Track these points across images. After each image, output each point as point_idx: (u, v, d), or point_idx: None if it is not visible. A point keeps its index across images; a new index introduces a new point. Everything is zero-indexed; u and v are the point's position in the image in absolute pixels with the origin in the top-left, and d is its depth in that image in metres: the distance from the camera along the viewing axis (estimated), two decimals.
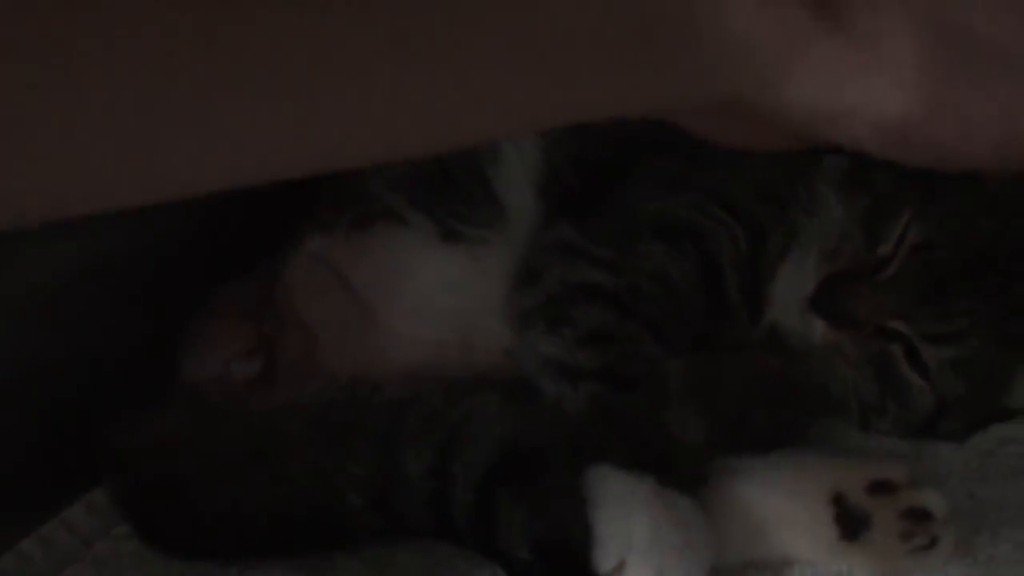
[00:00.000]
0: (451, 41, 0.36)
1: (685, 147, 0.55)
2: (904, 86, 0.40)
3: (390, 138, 0.38)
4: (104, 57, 0.32)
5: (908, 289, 0.57)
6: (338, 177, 0.63)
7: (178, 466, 0.56)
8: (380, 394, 0.56)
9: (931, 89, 0.40)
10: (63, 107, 0.32)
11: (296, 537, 0.55)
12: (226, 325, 0.63)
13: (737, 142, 0.46)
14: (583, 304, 0.58)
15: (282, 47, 0.34)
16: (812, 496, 0.51)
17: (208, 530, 0.55)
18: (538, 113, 0.40)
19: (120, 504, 0.58)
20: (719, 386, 0.60)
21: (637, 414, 0.54)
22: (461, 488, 0.51)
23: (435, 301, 0.62)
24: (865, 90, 0.41)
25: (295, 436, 0.55)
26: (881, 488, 0.51)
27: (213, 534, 0.55)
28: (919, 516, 0.51)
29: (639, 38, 0.39)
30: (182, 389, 0.61)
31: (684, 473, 0.52)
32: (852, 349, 0.58)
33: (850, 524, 0.51)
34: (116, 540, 0.58)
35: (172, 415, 0.59)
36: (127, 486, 0.58)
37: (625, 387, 0.55)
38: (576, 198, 0.63)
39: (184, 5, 0.33)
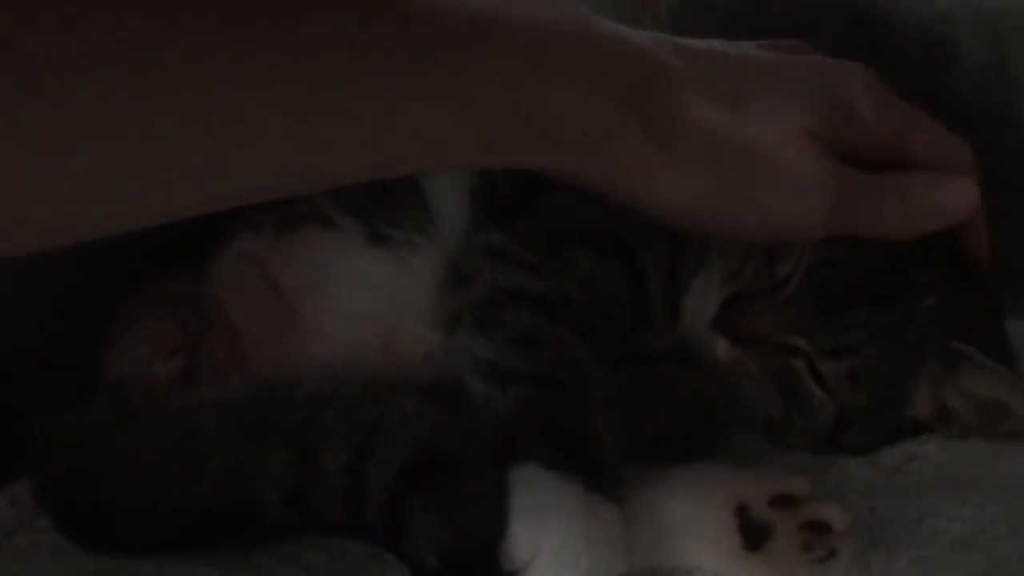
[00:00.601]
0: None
1: None
2: (685, 214, 0.54)
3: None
4: None
5: (806, 306, 0.59)
6: None
7: (99, 461, 0.57)
8: (299, 390, 0.56)
9: (703, 213, 0.54)
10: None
11: (213, 533, 0.55)
12: (151, 323, 0.63)
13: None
14: (513, 308, 0.58)
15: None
16: (717, 506, 0.53)
17: (127, 525, 0.56)
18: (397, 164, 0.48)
19: (42, 497, 0.58)
20: (635, 399, 0.61)
21: (566, 417, 0.54)
22: (375, 487, 0.51)
23: (361, 303, 0.63)
24: (656, 199, 0.53)
25: (213, 433, 0.55)
26: (783, 501, 0.53)
27: (132, 529, 0.56)
28: (819, 529, 0.52)
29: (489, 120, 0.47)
30: (106, 385, 0.62)
31: (610, 477, 0.52)
32: (755, 365, 0.60)
33: (753, 534, 0.52)
34: (37, 532, 0.58)
35: (95, 411, 0.59)
36: (49, 480, 0.58)
37: (554, 389, 0.55)
38: (508, 204, 0.64)
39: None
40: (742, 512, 0.53)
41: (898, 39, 0.76)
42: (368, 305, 0.63)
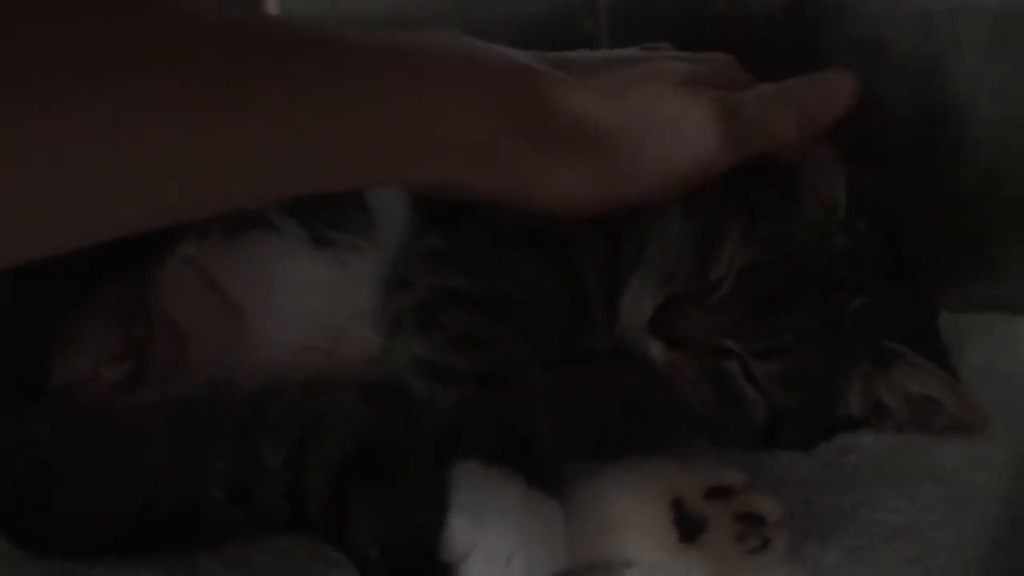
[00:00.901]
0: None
1: None
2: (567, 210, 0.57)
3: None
4: None
5: (738, 309, 0.60)
6: None
7: (43, 466, 0.57)
8: (242, 391, 0.57)
9: (612, 181, 0.57)
10: None
11: (159, 535, 0.55)
12: (96, 328, 0.63)
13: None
14: (452, 309, 0.59)
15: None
16: (653, 501, 0.53)
17: (73, 529, 0.56)
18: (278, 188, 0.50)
19: None
20: (578, 397, 0.62)
21: (507, 414, 0.55)
22: (316, 481, 0.52)
23: (304, 306, 0.64)
24: (543, 198, 0.57)
25: (157, 434, 0.55)
26: (718, 493, 0.54)
27: (78, 533, 0.56)
28: (753, 520, 0.53)
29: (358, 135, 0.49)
30: (51, 391, 0.62)
31: (552, 473, 0.53)
32: (689, 367, 0.62)
33: (688, 527, 0.53)
34: None
35: (40, 415, 0.59)
36: None
37: (495, 387, 0.56)
38: (448, 207, 0.65)
39: None
40: (677, 506, 0.53)
41: (834, 40, 0.77)
42: (312, 307, 0.64)
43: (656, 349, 0.62)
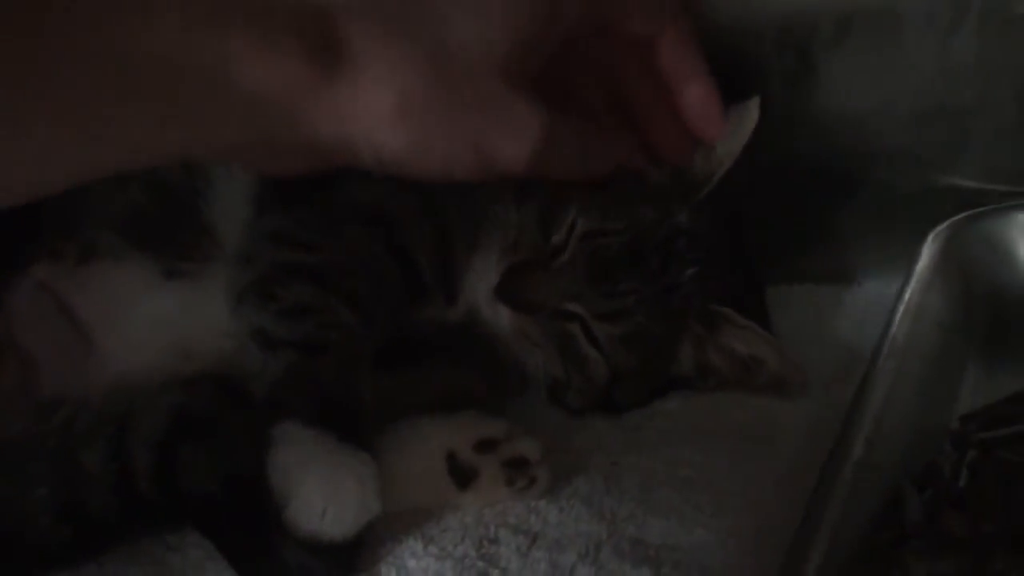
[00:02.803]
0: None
1: None
2: (393, 131, 0.49)
3: None
4: None
5: (579, 274, 0.65)
6: (59, 208, 0.66)
7: None
8: (54, 416, 0.59)
9: (413, 134, 0.50)
10: None
11: None
12: None
13: (282, 170, 0.54)
14: (287, 281, 0.64)
15: None
16: (428, 455, 0.61)
17: None
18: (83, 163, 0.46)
19: None
20: (429, 365, 0.68)
21: (326, 377, 0.60)
22: (141, 455, 0.56)
23: (156, 334, 0.66)
24: (363, 132, 0.49)
25: None
26: (486, 445, 0.61)
27: None
28: (518, 463, 0.61)
29: (166, 95, 0.45)
30: None
31: (367, 432, 0.59)
32: (536, 330, 0.67)
33: (462, 477, 0.61)
34: None
35: None
36: None
37: (317, 353, 0.61)
38: (283, 190, 0.68)
39: None
40: (451, 458, 0.61)
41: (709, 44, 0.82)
42: (164, 335, 0.66)
43: (504, 315, 0.67)
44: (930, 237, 0.71)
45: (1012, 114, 0.76)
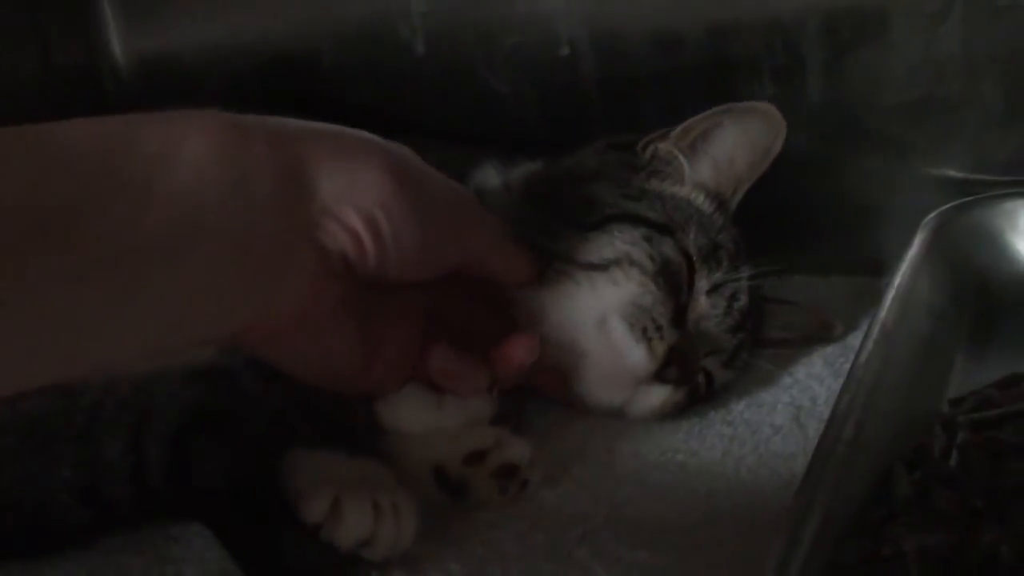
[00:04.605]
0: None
1: None
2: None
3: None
4: None
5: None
6: None
7: None
8: (82, 400, 0.60)
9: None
10: None
11: (10, 546, 0.58)
12: None
13: None
14: None
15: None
16: (417, 470, 0.60)
17: None
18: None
19: None
20: None
21: (326, 404, 0.60)
22: (156, 448, 0.57)
23: None
24: None
25: (4, 450, 0.58)
26: (475, 457, 0.60)
27: None
28: (509, 471, 0.60)
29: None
30: None
31: (365, 446, 0.60)
32: None
33: (451, 490, 0.60)
34: None
35: None
36: None
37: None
38: None
39: None
40: (439, 472, 0.60)
41: (628, 36, 0.83)
42: None
43: None
44: (920, 226, 0.72)
45: (999, 105, 0.77)
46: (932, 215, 0.73)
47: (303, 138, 0.49)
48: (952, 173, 0.80)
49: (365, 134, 0.52)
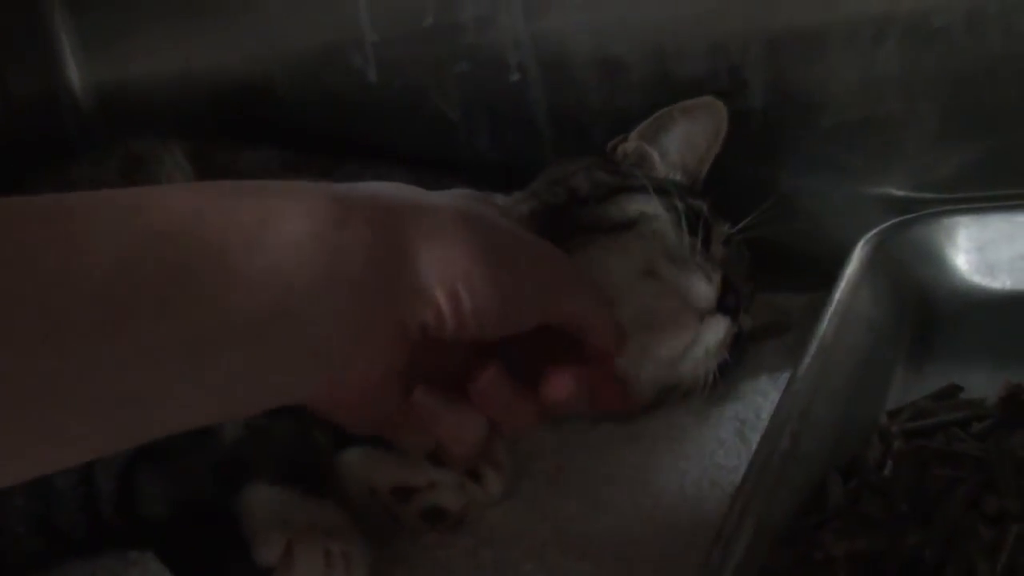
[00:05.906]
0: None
1: None
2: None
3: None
4: None
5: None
6: None
7: None
8: None
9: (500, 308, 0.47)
10: None
11: None
12: None
13: None
14: None
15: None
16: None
17: None
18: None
19: None
20: None
21: (287, 436, 0.61)
22: (105, 480, 0.58)
23: None
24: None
25: None
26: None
27: None
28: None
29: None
30: None
31: (324, 480, 0.60)
32: None
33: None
34: None
35: None
36: None
37: (276, 414, 0.61)
38: None
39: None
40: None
41: (575, 62, 0.85)
42: None
43: None
44: (860, 243, 0.73)
45: (936, 124, 0.79)
46: (872, 232, 0.75)
47: (403, 215, 0.46)
48: (892, 191, 0.81)
49: (458, 202, 0.49)
